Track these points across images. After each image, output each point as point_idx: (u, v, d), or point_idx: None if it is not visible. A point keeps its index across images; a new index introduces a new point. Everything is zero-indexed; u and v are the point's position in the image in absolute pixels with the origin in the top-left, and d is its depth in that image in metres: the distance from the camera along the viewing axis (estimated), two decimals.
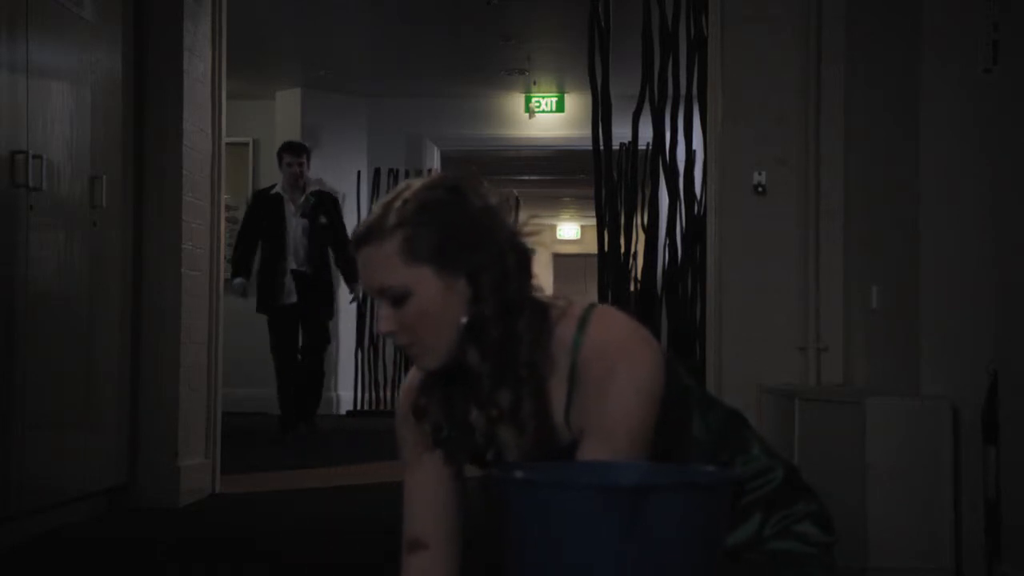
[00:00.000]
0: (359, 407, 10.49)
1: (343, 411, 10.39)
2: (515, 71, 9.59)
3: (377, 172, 10.68)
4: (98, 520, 4.56)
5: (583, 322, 1.77)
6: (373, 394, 10.57)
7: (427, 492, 1.92)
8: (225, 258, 5.60)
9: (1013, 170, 3.39)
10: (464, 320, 1.75)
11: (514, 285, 1.76)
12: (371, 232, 1.75)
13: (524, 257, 1.79)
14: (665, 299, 6.23)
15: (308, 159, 8.08)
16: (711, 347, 4.85)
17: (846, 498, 3.68)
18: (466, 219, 1.76)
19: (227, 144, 5.65)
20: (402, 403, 1.94)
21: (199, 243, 5.20)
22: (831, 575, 1.88)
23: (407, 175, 10.78)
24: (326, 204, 7.97)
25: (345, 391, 10.49)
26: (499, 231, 1.77)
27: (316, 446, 7.47)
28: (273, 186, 8.05)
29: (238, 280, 7.72)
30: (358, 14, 8.14)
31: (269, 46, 8.97)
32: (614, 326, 1.79)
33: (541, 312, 1.79)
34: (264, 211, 7.87)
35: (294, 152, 8.02)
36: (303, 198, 7.86)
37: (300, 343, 7.88)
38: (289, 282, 7.74)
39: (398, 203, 1.75)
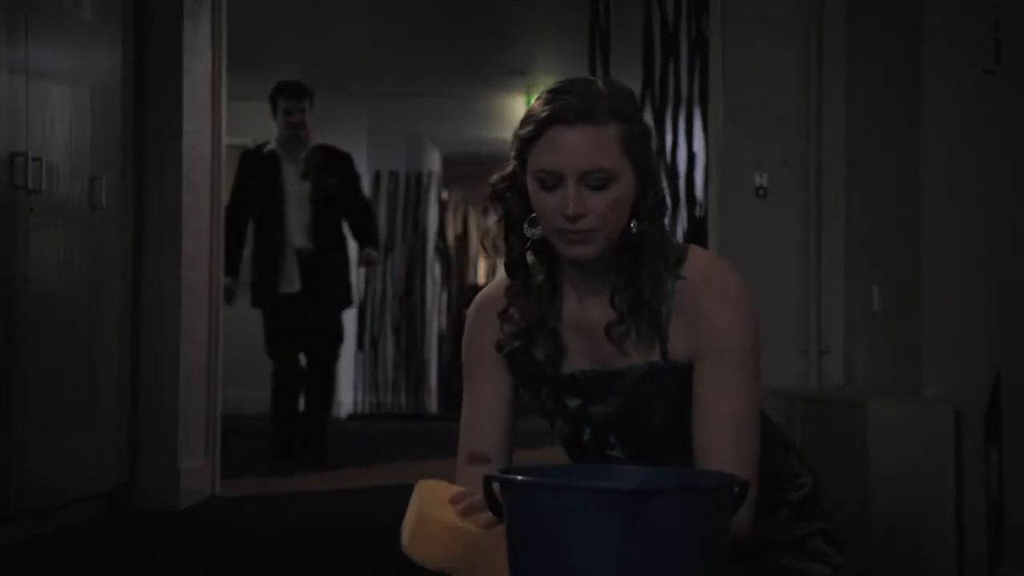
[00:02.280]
0: (358, 410, 10.49)
1: (343, 414, 10.38)
2: (515, 72, 9.59)
3: (378, 174, 10.68)
4: (98, 521, 4.56)
5: (681, 253, 1.85)
6: (374, 397, 10.57)
7: (492, 407, 1.94)
8: (225, 259, 5.55)
9: (1014, 171, 3.38)
10: (634, 225, 1.82)
11: (664, 203, 1.87)
12: (591, 112, 1.79)
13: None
14: None
15: (311, 105, 6.35)
16: None
17: (847, 500, 3.68)
18: (650, 133, 1.87)
19: (227, 145, 5.64)
20: (477, 316, 1.96)
21: (199, 244, 5.19)
22: None
23: (407, 177, 10.79)
24: (335, 162, 6.34)
25: (345, 394, 10.48)
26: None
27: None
28: (266, 143, 6.39)
29: (225, 280, 5.84)
30: (358, 14, 8.14)
31: (269, 46, 8.96)
32: (711, 258, 1.89)
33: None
34: (257, 175, 6.26)
35: (292, 95, 6.29)
36: (306, 153, 6.25)
37: (303, 346, 6.39)
38: (291, 264, 6.19)
39: (608, 96, 1.81)
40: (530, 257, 1.90)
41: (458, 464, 1.97)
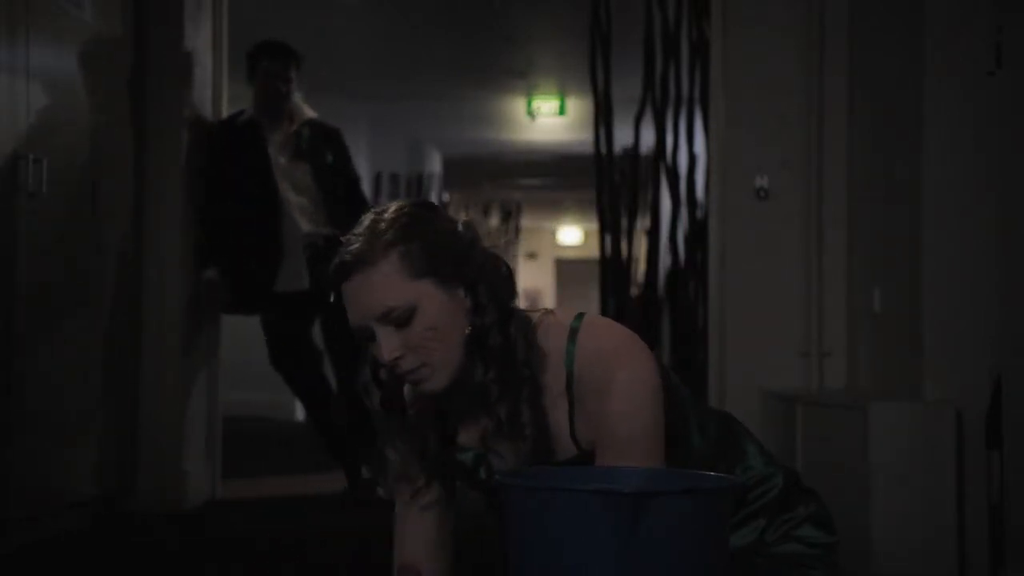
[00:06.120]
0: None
1: None
2: (516, 74, 9.59)
3: (379, 177, 10.67)
4: (98, 525, 4.55)
5: (573, 332, 1.78)
6: None
7: (417, 518, 1.94)
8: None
9: (1015, 172, 3.37)
10: (468, 330, 1.75)
11: (506, 292, 1.79)
12: (360, 259, 1.74)
13: (508, 267, 1.82)
14: (667, 304, 6.23)
15: (298, 72, 5.16)
16: (713, 352, 4.84)
17: (849, 504, 3.67)
18: (450, 233, 1.78)
19: None
20: None
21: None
22: (834, 575, 1.88)
23: (408, 179, 10.78)
24: (327, 138, 5.14)
25: None
26: (480, 244, 1.80)
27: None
28: (240, 112, 5.18)
29: (210, 272, 5.01)
30: (359, 16, 8.14)
31: None
32: (605, 332, 1.80)
33: (526, 320, 1.82)
34: (236, 152, 5.05)
35: (275, 57, 5.12)
36: (295, 129, 5.07)
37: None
38: (294, 256, 4.97)
39: (382, 225, 1.75)
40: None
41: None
